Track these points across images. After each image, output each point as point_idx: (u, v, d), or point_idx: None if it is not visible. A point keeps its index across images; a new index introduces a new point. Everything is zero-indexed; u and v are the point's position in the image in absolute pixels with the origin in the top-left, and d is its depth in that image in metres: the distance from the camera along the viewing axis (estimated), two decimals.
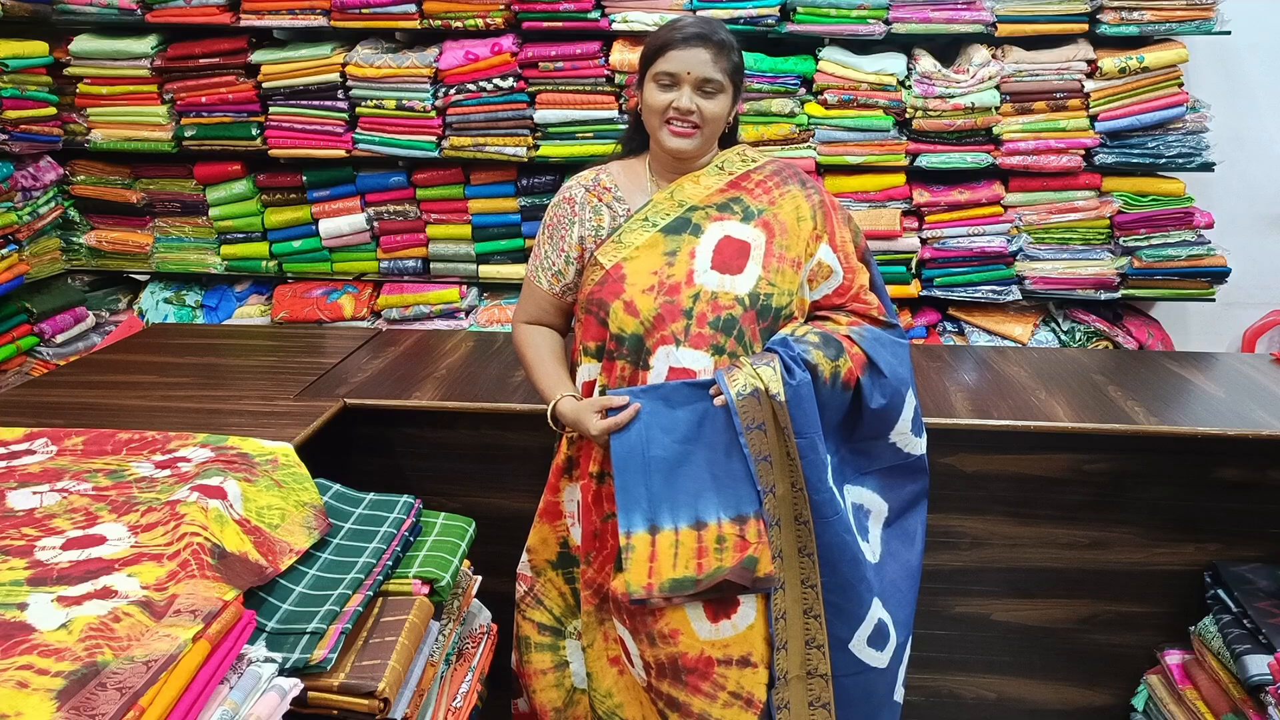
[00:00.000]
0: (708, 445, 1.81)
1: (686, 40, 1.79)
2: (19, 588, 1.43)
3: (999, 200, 3.45)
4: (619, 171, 1.97)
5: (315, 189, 3.59)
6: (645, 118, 1.87)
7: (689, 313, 1.81)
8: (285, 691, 1.47)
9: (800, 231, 1.89)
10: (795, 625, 1.87)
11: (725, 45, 1.82)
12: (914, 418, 1.96)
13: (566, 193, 1.96)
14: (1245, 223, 3.68)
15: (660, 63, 1.81)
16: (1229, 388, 2.58)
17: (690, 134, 1.83)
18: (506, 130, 3.45)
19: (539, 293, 1.99)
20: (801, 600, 1.87)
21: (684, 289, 1.82)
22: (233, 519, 1.69)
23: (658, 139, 1.86)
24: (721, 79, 1.81)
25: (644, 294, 1.82)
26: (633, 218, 1.89)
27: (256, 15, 3.42)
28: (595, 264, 1.89)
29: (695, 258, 1.83)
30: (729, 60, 1.82)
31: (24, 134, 3.32)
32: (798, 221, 1.90)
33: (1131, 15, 3.28)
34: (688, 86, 1.80)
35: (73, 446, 1.99)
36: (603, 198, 1.93)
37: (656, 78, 1.82)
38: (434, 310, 3.60)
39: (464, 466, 2.49)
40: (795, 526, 1.84)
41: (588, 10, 3.35)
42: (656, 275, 1.83)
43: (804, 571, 1.86)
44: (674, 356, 1.81)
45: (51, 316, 3.41)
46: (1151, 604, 2.45)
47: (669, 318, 1.81)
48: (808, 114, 3.40)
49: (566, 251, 1.94)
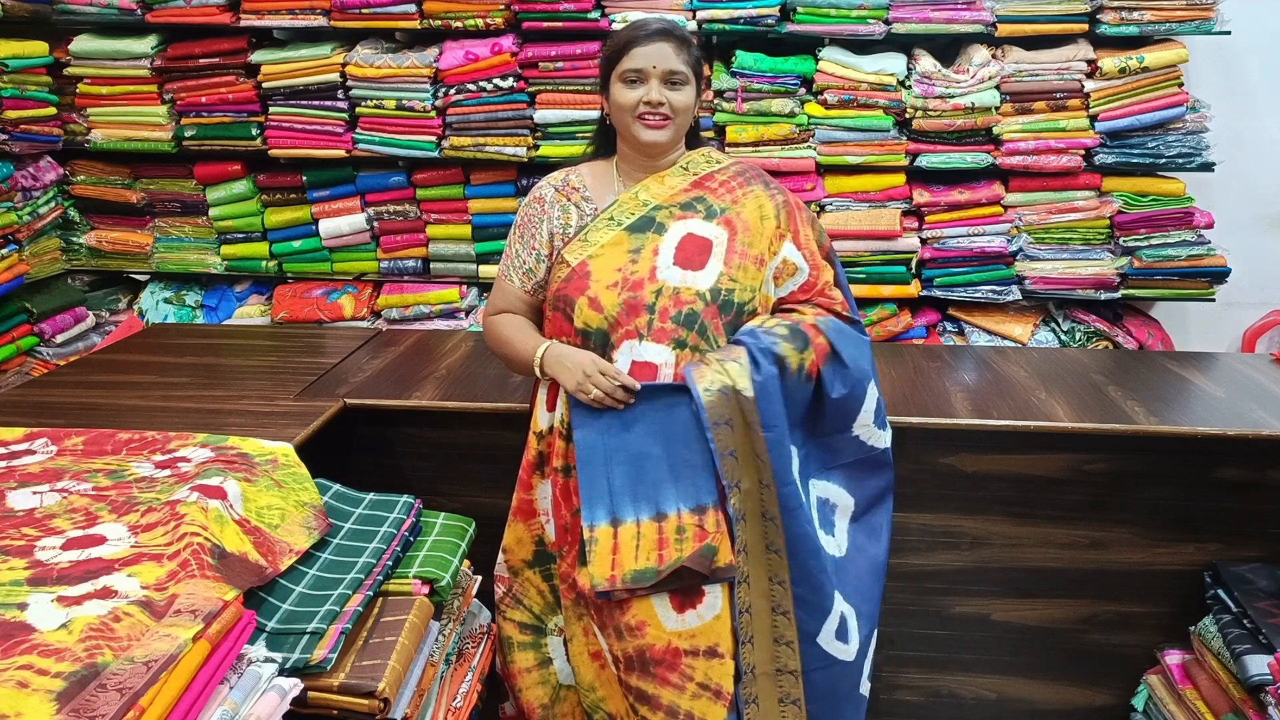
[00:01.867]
0: (669, 439, 1.85)
1: (649, 36, 1.87)
2: (19, 588, 1.43)
3: (999, 200, 3.44)
4: (587, 172, 2.04)
5: (315, 189, 3.59)
6: (616, 117, 1.93)
7: (651, 308, 1.86)
8: (285, 691, 1.47)
9: (763, 230, 1.95)
10: (762, 621, 1.91)
11: (686, 40, 1.90)
12: (877, 410, 2.01)
13: (537, 192, 2.04)
14: (1245, 223, 3.68)
15: (625, 61, 1.87)
16: (1229, 388, 2.58)
17: (663, 125, 1.89)
18: (506, 130, 3.45)
19: (510, 290, 2.04)
20: (769, 596, 1.90)
21: (647, 285, 1.87)
22: (232, 519, 1.69)
23: (631, 135, 1.92)
24: (686, 70, 1.88)
25: (608, 290, 1.88)
26: (599, 217, 1.95)
27: (256, 15, 3.41)
28: (562, 261, 1.95)
29: (658, 254, 1.89)
30: (690, 53, 1.90)
31: (24, 134, 3.32)
32: (760, 220, 1.95)
33: (1131, 15, 3.28)
34: (655, 80, 1.87)
35: (73, 446, 1.99)
36: (571, 197, 2.00)
37: (623, 76, 1.88)
38: (434, 310, 3.60)
39: (464, 466, 2.49)
40: (762, 523, 1.88)
41: (588, 10, 3.35)
42: (620, 272, 1.88)
43: (771, 568, 1.89)
44: (637, 350, 1.86)
45: (51, 316, 3.41)
46: (1151, 604, 2.46)
47: (632, 313, 1.86)
48: (808, 114, 3.39)
49: (537, 249, 2.00)
